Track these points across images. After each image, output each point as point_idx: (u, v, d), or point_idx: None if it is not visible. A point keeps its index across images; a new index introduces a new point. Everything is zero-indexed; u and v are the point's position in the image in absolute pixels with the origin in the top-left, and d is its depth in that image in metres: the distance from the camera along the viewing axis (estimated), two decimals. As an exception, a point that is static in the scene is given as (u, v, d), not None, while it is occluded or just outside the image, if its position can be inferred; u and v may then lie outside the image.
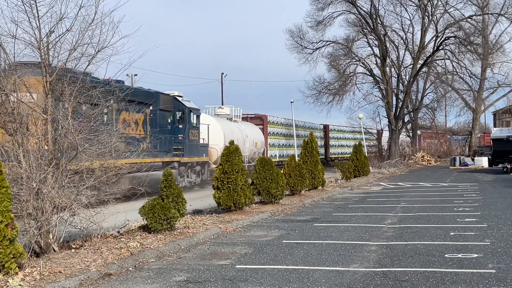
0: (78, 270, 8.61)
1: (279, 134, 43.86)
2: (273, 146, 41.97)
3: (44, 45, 9.85)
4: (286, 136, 44.76)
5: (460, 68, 51.32)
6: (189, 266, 9.28)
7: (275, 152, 41.88)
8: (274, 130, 42.87)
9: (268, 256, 10.04)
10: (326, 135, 55.82)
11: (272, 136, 42.54)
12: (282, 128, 44.49)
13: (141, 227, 12.21)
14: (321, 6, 48.79)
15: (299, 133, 44.95)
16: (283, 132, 44.58)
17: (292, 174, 20.35)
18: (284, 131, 44.73)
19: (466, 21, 48.85)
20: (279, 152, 42.32)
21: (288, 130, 44.41)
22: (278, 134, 43.67)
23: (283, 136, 44.47)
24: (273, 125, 42.89)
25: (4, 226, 7.78)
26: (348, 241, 11.39)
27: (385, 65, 49.93)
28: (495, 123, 65.14)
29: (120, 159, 11.35)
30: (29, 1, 9.62)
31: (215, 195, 15.48)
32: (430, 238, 11.57)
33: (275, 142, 42.65)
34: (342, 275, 8.43)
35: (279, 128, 44.07)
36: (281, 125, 44.59)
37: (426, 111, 61.93)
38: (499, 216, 14.78)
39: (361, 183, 28.39)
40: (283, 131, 44.60)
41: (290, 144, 43.28)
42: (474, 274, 8.25)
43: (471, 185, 26.18)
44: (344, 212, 16.65)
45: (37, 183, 9.35)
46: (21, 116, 9.60)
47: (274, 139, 42.57)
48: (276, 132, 43.46)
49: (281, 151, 43.02)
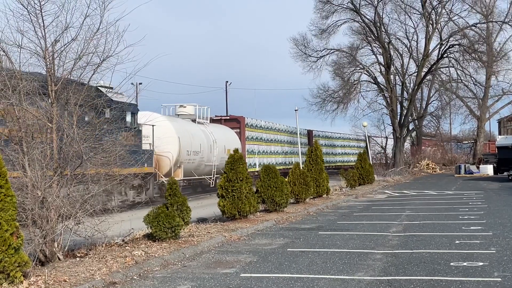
0: (83, 278, 8.61)
1: (259, 139, 37.90)
2: (252, 153, 36.12)
3: (50, 54, 9.91)
4: (268, 142, 39.60)
5: (465, 76, 51.40)
6: (193, 275, 9.27)
7: (255, 160, 36.02)
8: (253, 134, 36.93)
9: (273, 264, 10.02)
10: (310, 141, 48.34)
11: (251, 141, 36.66)
12: (263, 132, 38.77)
13: (146, 235, 12.21)
14: (325, 14, 49.02)
15: (279, 138, 41.68)
16: (264, 137, 38.88)
17: (296, 182, 20.34)
18: (265, 136, 39.14)
19: (470, 29, 48.92)
20: (260, 161, 36.11)
21: (269, 135, 39.93)
22: (258, 139, 37.72)
23: (264, 142, 38.76)
24: (253, 129, 36.95)
25: (9, 234, 7.80)
26: (353, 250, 11.36)
27: (389, 73, 49.96)
28: (500, 130, 65.01)
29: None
30: (34, 10, 9.69)
31: (220, 203, 15.48)
32: (435, 246, 11.53)
33: (255, 149, 36.80)
34: (347, 284, 8.40)
35: (260, 132, 38.06)
36: (262, 128, 38.81)
37: (430, 119, 62.05)
38: (504, 224, 14.71)
39: (365, 191, 28.32)
40: (264, 135, 38.94)
41: (272, 151, 40.14)
42: (479, 283, 8.21)
43: (476, 193, 26.09)
44: (349, 220, 16.62)
45: (42, 192, 9.38)
46: (26, 125, 9.64)
47: (253, 145, 36.69)
48: (256, 137, 37.43)
49: (262, 159, 36.69)
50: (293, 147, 43.59)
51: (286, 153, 42.81)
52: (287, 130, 43.94)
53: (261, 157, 37.13)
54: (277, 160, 40.44)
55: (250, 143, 36.13)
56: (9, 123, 9.61)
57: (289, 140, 43.81)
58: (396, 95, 50.93)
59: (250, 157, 35.29)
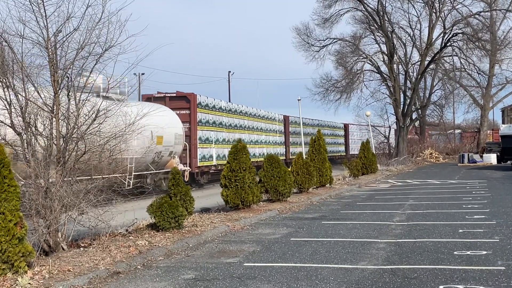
0: (87, 268, 8.64)
1: (218, 124, 30.04)
2: (206, 142, 28.35)
3: (52, 44, 9.87)
4: (230, 128, 31.72)
5: (468, 65, 51.12)
6: (197, 264, 9.29)
7: (210, 151, 28.75)
8: (209, 117, 28.92)
9: (276, 254, 10.04)
10: (286, 128, 42.38)
11: (206, 126, 28.53)
12: (222, 115, 30.81)
13: (149, 225, 12.24)
14: (328, 3, 48.75)
15: (249, 124, 34.81)
16: (225, 122, 31.12)
17: (299, 172, 20.34)
18: (226, 120, 31.31)
19: (474, 17, 48.63)
20: (217, 151, 29.49)
21: (233, 120, 32.15)
22: (216, 124, 29.83)
23: (224, 128, 30.94)
24: (208, 110, 28.90)
25: (13, 225, 7.82)
26: (356, 239, 11.36)
27: (392, 62, 49.76)
28: (503, 119, 64.92)
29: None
30: (36, 0, 9.65)
31: (223, 193, 15.49)
32: (438, 235, 11.52)
33: (211, 136, 28.97)
34: (350, 273, 8.41)
35: (218, 115, 30.24)
36: (222, 110, 30.92)
37: (434, 108, 61.85)
38: (508, 213, 14.70)
39: (369, 181, 28.31)
40: (226, 120, 31.22)
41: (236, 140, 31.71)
42: (483, 271, 8.21)
43: (479, 182, 26.06)
44: (352, 210, 16.62)
45: (46, 182, 9.39)
46: (29, 115, 9.64)
47: (208, 131, 28.66)
48: (214, 121, 29.49)
49: (221, 150, 29.85)
50: (272, 135, 38.61)
51: (260, 142, 36.45)
52: (259, 115, 36.84)
53: (220, 147, 29.94)
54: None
55: (204, 129, 28.21)
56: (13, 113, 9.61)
57: (265, 127, 37.66)
58: (399, 85, 50.76)
59: (204, 146, 28.02)
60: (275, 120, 40.21)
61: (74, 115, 10.06)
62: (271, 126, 37.98)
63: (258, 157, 34.21)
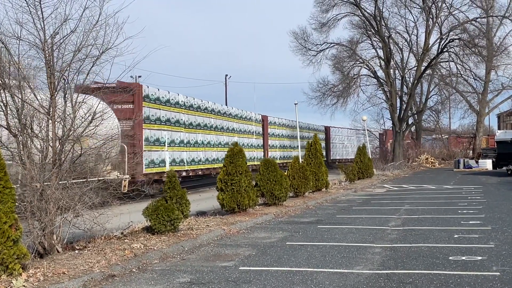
0: (82, 271, 8.61)
1: (172, 122, 24.82)
2: (157, 144, 23.11)
3: (49, 46, 9.87)
4: (191, 128, 26.76)
5: (465, 70, 51.36)
6: (192, 268, 9.27)
7: (163, 154, 23.51)
8: (160, 113, 23.69)
9: (272, 258, 10.02)
10: (265, 130, 38.28)
11: (156, 125, 23.24)
12: (180, 112, 25.79)
13: (145, 228, 12.21)
14: (325, 8, 48.94)
15: (216, 123, 29.96)
16: (184, 120, 26.03)
17: (295, 176, 20.33)
18: (186, 118, 26.29)
19: (470, 23, 48.84)
20: (172, 155, 24.37)
21: (195, 118, 27.18)
22: (169, 122, 24.56)
23: (182, 127, 25.83)
24: (158, 105, 23.63)
25: (8, 227, 7.79)
26: (352, 243, 11.36)
27: (389, 67, 49.90)
28: (499, 125, 65.06)
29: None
30: (34, 2, 9.65)
31: (219, 197, 15.47)
32: (434, 240, 11.53)
33: (164, 137, 23.78)
34: (346, 277, 8.41)
35: (174, 111, 25.07)
36: (178, 106, 25.56)
37: (430, 113, 61.97)
38: (503, 218, 14.72)
39: (365, 185, 28.33)
40: (184, 117, 26.08)
41: (202, 142, 27.71)
42: (478, 277, 8.21)
43: (475, 188, 26.10)
44: (348, 214, 16.62)
45: (41, 184, 9.37)
46: (25, 117, 9.62)
47: (160, 131, 23.52)
48: (167, 119, 24.35)
49: (178, 153, 24.92)
50: (247, 137, 34.10)
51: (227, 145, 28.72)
52: (230, 113, 32.09)
53: (177, 150, 25.06)
54: (208, 155, 28.49)
55: (154, 127, 22.97)
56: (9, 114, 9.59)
57: (239, 128, 33.09)
58: (396, 90, 50.90)
59: (153, 149, 22.83)
60: (252, 120, 35.56)
61: (71, 117, 10.04)
62: (246, 126, 33.99)
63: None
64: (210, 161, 28.70)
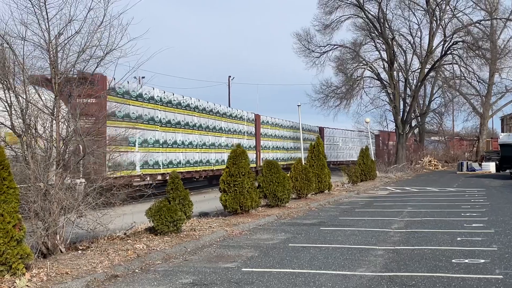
0: (85, 271, 8.63)
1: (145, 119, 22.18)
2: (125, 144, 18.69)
3: (53, 47, 9.89)
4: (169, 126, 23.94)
5: (468, 73, 51.24)
6: (195, 269, 9.29)
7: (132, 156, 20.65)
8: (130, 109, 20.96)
9: (274, 259, 10.03)
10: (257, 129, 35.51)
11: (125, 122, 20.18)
12: (156, 108, 22.99)
13: (148, 229, 12.23)
14: (329, 10, 48.89)
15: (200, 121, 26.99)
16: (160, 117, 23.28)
17: (298, 178, 20.34)
18: (162, 116, 23.52)
19: (474, 26, 48.76)
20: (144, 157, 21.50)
21: (174, 115, 24.39)
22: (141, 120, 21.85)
23: (158, 125, 23.06)
24: (127, 100, 20.91)
25: (12, 226, 7.81)
26: (355, 245, 11.36)
27: (392, 69, 49.86)
28: (502, 128, 64.92)
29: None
30: (38, 3, 9.67)
31: (222, 198, 15.48)
32: (437, 243, 11.52)
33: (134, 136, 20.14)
34: (348, 279, 8.41)
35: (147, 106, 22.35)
36: (153, 101, 22.77)
37: (433, 116, 61.89)
38: (506, 221, 14.70)
39: (367, 187, 28.31)
40: (160, 114, 23.33)
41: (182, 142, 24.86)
42: (481, 280, 8.20)
43: (478, 190, 26.06)
44: (350, 216, 16.62)
45: (45, 184, 9.39)
46: (29, 117, 9.65)
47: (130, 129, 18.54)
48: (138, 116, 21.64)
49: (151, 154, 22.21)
50: (237, 137, 31.73)
51: (219, 146, 29.15)
52: (218, 111, 29.38)
53: (152, 151, 22.32)
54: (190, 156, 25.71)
55: (122, 125, 19.31)
56: (13, 115, 9.61)
57: (227, 127, 30.70)
58: (399, 92, 50.84)
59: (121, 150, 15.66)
60: (243, 119, 32.92)
61: (75, 118, 10.07)
62: (236, 126, 31.66)
63: (214, 165, 27.80)
64: (192, 163, 25.90)
